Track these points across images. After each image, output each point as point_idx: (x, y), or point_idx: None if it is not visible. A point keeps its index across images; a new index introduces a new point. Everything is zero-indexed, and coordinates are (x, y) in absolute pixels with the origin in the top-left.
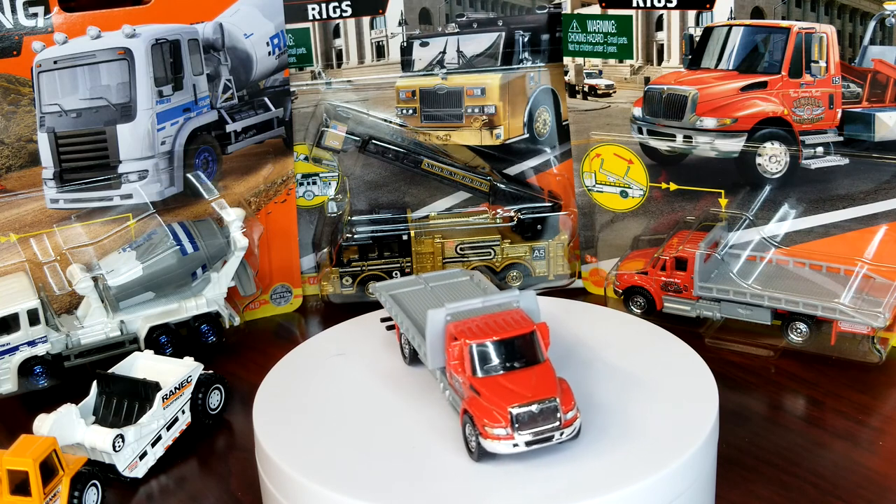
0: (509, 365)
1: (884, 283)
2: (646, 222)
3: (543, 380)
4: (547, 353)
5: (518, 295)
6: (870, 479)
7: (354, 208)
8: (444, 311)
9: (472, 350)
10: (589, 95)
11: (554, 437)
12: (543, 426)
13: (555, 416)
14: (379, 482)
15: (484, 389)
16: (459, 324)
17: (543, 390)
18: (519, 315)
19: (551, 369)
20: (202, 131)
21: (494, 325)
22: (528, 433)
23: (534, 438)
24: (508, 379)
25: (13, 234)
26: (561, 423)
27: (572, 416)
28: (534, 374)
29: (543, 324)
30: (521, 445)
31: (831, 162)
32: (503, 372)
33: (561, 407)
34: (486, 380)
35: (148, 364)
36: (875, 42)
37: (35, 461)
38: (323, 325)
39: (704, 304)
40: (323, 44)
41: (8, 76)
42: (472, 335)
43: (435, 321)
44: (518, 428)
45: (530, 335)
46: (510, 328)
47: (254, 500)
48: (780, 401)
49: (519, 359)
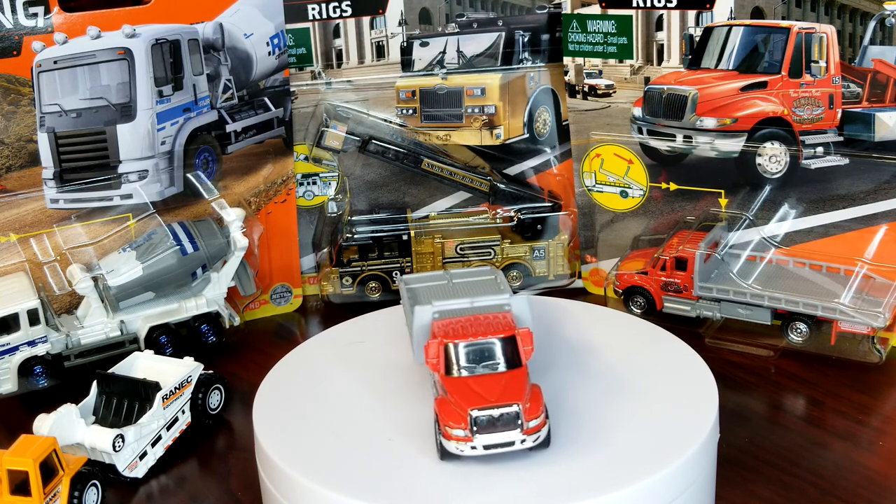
0: (482, 367)
1: (884, 283)
2: (646, 222)
3: (512, 385)
4: (527, 359)
5: (509, 298)
6: (870, 479)
7: (354, 208)
8: (431, 308)
9: (446, 349)
10: (589, 95)
11: (515, 444)
12: (503, 432)
13: (515, 422)
14: (379, 482)
15: (452, 389)
16: (444, 322)
17: (508, 396)
18: (504, 318)
19: (524, 375)
20: (202, 131)
21: (476, 326)
22: (486, 437)
23: (492, 443)
24: (477, 381)
25: (13, 234)
26: (522, 431)
27: (536, 424)
28: (504, 378)
29: (526, 330)
30: (479, 449)
31: (831, 162)
32: (475, 374)
33: (524, 414)
34: (456, 380)
35: (148, 364)
36: (875, 42)
37: (35, 461)
38: (323, 325)
39: (704, 304)
40: (323, 44)
41: (8, 76)
42: (450, 334)
43: (421, 317)
44: (477, 431)
45: (508, 339)
46: (489, 331)
47: (254, 500)
48: (780, 401)
49: (493, 362)
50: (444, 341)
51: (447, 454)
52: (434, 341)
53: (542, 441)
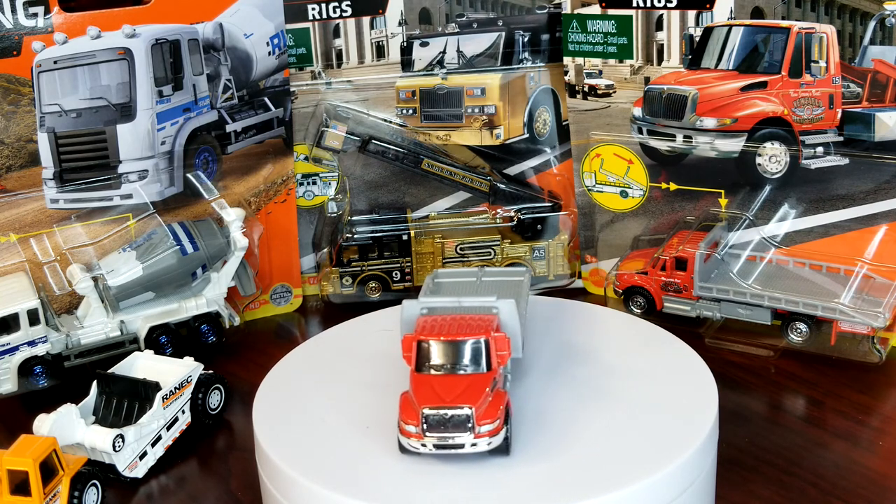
0: (448, 367)
1: (884, 283)
2: (646, 222)
3: (472, 388)
4: (501, 364)
5: (496, 302)
6: (870, 479)
7: (354, 208)
8: (419, 304)
9: (419, 346)
10: (589, 95)
11: (465, 447)
12: (453, 433)
13: (465, 425)
14: (379, 482)
15: (415, 385)
16: (427, 318)
17: (464, 398)
18: (486, 321)
19: (488, 380)
20: (202, 131)
21: (454, 326)
22: (436, 437)
23: (442, 443)
24: (440, 380)
25: (13, 234)
26: (473, 434)
27: (489, 429)
28: (467, 381)
29: (502, 335)
30: (428, 447)
31: (831, 162)
32: (441, 373)
33: (476, 418)
34: (422, 377)
35: (148, 364)
36: (875, 42)
37: (35, 461)
38: (323, 325)
39: (704, 304)
40: (323, 44)
41: (8, 76)
42: (425, 331)
43: (408, 311)
44: (427, 430)
45: (477, 343)
46: (465, 332)
47: (254, 500)
48: (780, 401)
49: (460, 363)
50: (418, 338)
51: (404, 449)
52: (409, 336)
53: (496, 447)
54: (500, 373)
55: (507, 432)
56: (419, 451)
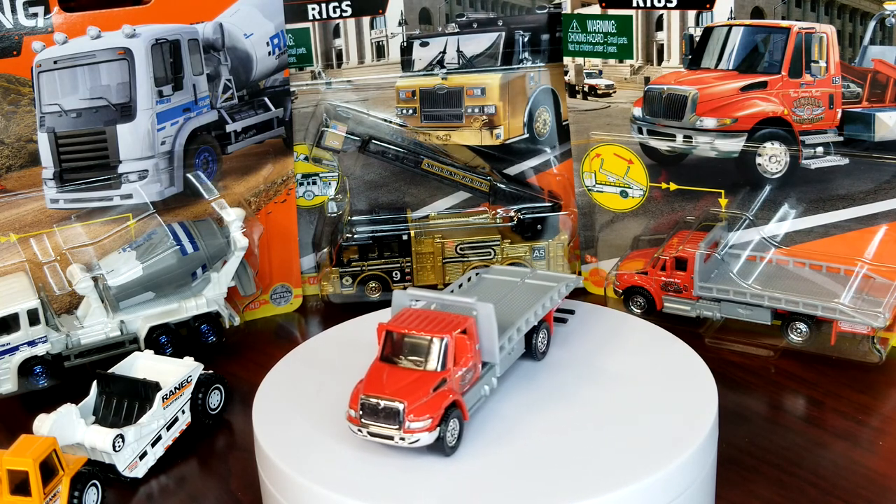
0: (404, 360)
1: (884, 283)
2: (646, 222)
3: (415, 384)
4: (462, 366)
5: (475, 305)
6: (870, 479)
7: (354, 208)
8: (408, 296)
9: (386, 335)
10: (589, 95)
11: (394, 439)
12: (383, 424)
13: (395, 418)
14: (379, 482)
15: (369, 372)
16: (408, 311)
17: (402, 393)
18: (455, 321)
19: (436, 379)
20: (202, 131)
21: (424, 321)
22: (370, 424)
23: (375, 432)
24: (391, 371)
25: (13, 234)
26: (401, 428)
27: (419, 426)
28: (413, 376)
29: (463, 338)
30: (364, 433)
31: (831, 162)
32: (396, 364)
33: (406, 413)
34: (379, 365)
35: (148, 364)
36: (875, 42)
37: (35, 461)
38: (323, 325)
39: (704, 304)
40: (323, 44)
41: (8, 76)
42: (395, 323)
43: (397, 301)
44: (362, 416)
45: (435, 341)
46: (426, 329)
47: (254, 500)
48: (780, 401)
49: (416, 359)
50: (387, 328)
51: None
52: (382, 325)
53: (426, 446)
54: (456, 374)
55: (442, 433)
56: (359, 437)
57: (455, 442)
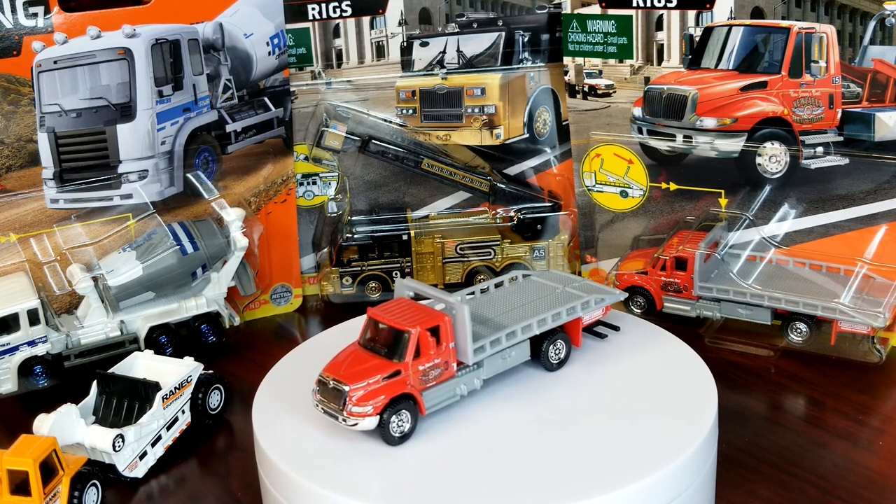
0: (372, 346)
1: (884, 283)
2: (646, 222)
3: (367, 371)
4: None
5: (453, 304)
6: (870, 479)
7: (354, 208)
8: (407, 287)
9: (367, 321)
10: (589, 95)
11: (338, 419)
12: (331, 403)
13: (339, 400)
14: (378, 482)
15: (341, 352)
16: (398, 300)
17: (353, 377)
18: (430, 317)
19: (390, 368)
20: (202, 131)
21: (401, 312)
22: (322, 401)
23: (325, 409)
24: (358, 355)
25: (13, 234)
26: (343, 410)
27: (360, 412)
28: (371, 362)
29: (426, 333)
30: (318, 408)
31: (831, 162)
32: (368, 350)
33: (350, 398)
34: (352, 348)
35: (148, 364)
36: (875, 42)
37: (35, 461)
38: (323, 325)
39: (704, 304)
40: (323, 44)
41: (8, 76)
42: (379, 309)
43: (398, 290)
44: (318, 391)
45: (400, 333)
46: (397, 320)
47: (254, 500)
48: (780, 401)
49: (384, 347)
50: (369, 313)
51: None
52: (370, 309)
53: (365, 430)
54: (417, 367)
55: (385, 421)
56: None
57: (403, 433)
